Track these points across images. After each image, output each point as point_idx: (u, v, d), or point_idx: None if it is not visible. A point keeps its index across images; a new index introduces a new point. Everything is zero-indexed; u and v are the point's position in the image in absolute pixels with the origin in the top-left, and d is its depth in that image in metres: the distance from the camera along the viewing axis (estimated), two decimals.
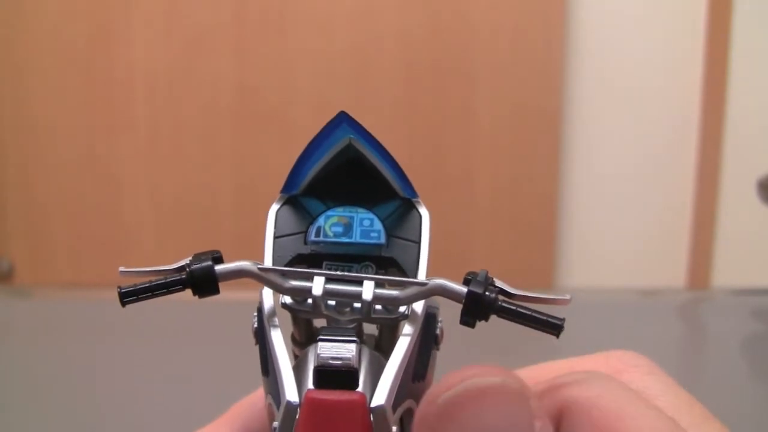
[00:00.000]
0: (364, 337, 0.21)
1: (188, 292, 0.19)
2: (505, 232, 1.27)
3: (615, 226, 1.31)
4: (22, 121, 1.27)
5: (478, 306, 0.18)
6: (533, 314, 0.18)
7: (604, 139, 1.29)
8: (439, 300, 0.19)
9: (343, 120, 0.20)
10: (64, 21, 1.24)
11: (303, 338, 0.21)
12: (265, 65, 1.24)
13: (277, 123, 1.25)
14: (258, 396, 0.23)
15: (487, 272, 0.19)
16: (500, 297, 0.18)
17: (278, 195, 0.21)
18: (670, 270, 1.30)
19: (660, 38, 1.27)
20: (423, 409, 0.17)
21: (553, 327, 0.18)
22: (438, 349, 0.20)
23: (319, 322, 0.21)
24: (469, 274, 0.19)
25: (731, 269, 1.26)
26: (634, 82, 1.27)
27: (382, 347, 0.21)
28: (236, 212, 1.27)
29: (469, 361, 0.18)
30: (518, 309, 0.18)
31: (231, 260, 0.20)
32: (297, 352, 0.21)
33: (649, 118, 1.28)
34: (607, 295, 0.75)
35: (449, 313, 0.20)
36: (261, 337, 0.20)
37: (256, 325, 0.20)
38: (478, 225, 1.27)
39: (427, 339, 0.20)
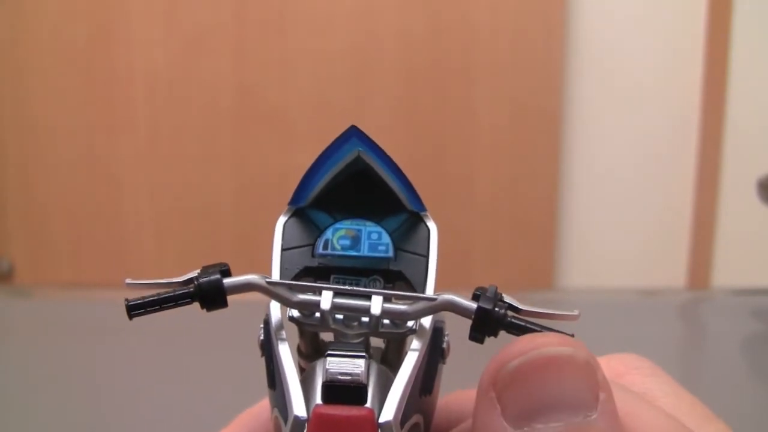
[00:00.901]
0: (371, 351, 0.21)
1: None
2: (505, 233, 1.27)
3: (615, 226, 1.31)
4: (22, 121, 1.27)
5: (488, 322, 0.18)
6: (542, 330, 0.18)
7: (604, 139, 1.29)
8: (444, 313, 0.19)
9: (353, 134, 0.20)
10: (64, 21, 1.24)
11: (309, 351, 0.21)
12: (265, 65, 1.24)
13: (277, 123, 1.25)
14: (263, 406, 0.23)
15: (497, 288, 0.19)
16: (509, 313, 0.19)
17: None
18: (670, 270, 1.30)
19: (660, 38, 1.27)
20: (492, 373, 0.17)
21: None
22: (444, 363, 0.20)
23: (326, 335, 0.21)
24: (478, 289, 0.19)
25: (731, 269, 1.26)
26: (634, 82, 1.27)
27: (389, 361, 0.21)
28: (236, 212, 1.27)
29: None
30: (527, 325, 0.18)
31: (235, 266, 0.20)
32: (303, 365, 0.21)
33: (649, 118, 1.28)
34: (607, 295, 0.75)
35: (454, 326, 0.20)
36: (268, 350, 0.20)
37: (262, 338, 0.20)
38: (478, 225, 1.27)
39: (434, 353, 0.20)
